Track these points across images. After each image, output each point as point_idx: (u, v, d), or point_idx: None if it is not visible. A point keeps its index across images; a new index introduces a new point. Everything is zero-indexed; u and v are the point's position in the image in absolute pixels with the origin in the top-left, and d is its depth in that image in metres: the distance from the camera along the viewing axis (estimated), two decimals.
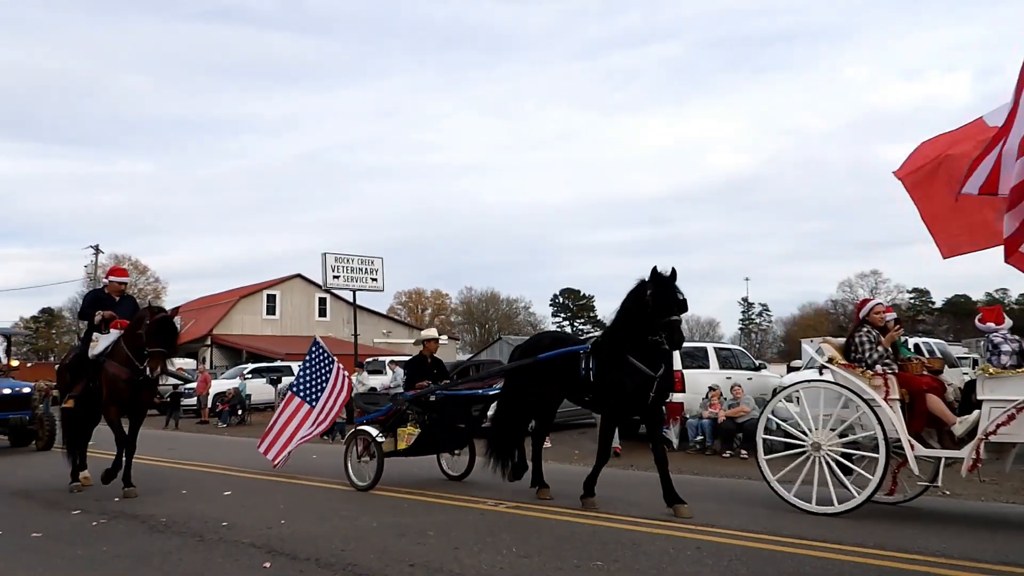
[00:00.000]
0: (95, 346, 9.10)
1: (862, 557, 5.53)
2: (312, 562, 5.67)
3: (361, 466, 9.26)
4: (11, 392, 14.80)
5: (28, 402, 15.18)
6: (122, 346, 8.83)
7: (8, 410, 14.70)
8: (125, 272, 10.01)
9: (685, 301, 7.34)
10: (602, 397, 7.81)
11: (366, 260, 28.76)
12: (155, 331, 8.49)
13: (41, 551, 6.29)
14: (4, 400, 14.68)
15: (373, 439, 9.04)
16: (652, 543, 6.08)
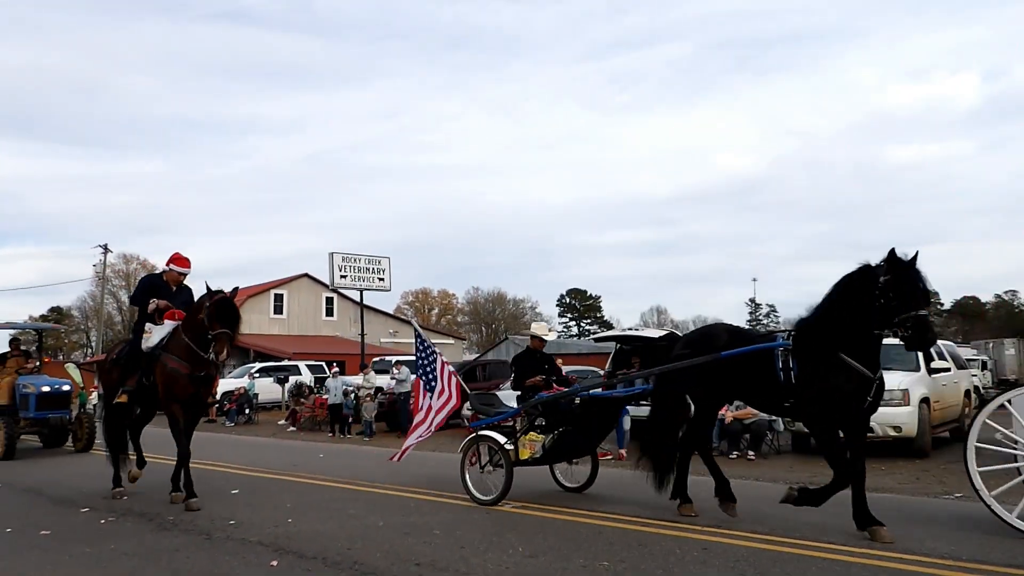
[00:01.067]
0: (148, 338, 8.48)
1: (869, 559, 5.50)
2: (319, 560, 5.69)
3: (485, 477, 8.14)
4: (51, 390, 14.10)
5: (68, 400, 14.54)
6: (181, 338, 8.20)
7: (47, 409, 14.02)
8: (187, 262, 9.01)
9: (929, 292, 6.12)
10: (809, 404, 6.52)
11: (373, 260, 28.83)
12: (217, 312, 7.94)
13: (50, 549, 6.33)
14: (44, 399, 13.95)
15: (501, 447, 7.99)
16: (658, 544, 6.07)
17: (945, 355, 13.60)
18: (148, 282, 9.08)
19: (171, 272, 8.94)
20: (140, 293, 8.93)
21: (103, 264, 49.90)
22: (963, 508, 7.70)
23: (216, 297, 8.05)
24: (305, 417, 21.44)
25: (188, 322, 8.25)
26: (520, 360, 9.03)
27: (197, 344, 8.07)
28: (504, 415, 8.50)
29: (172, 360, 8.17)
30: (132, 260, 67.11)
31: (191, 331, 8.14)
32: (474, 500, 8.05)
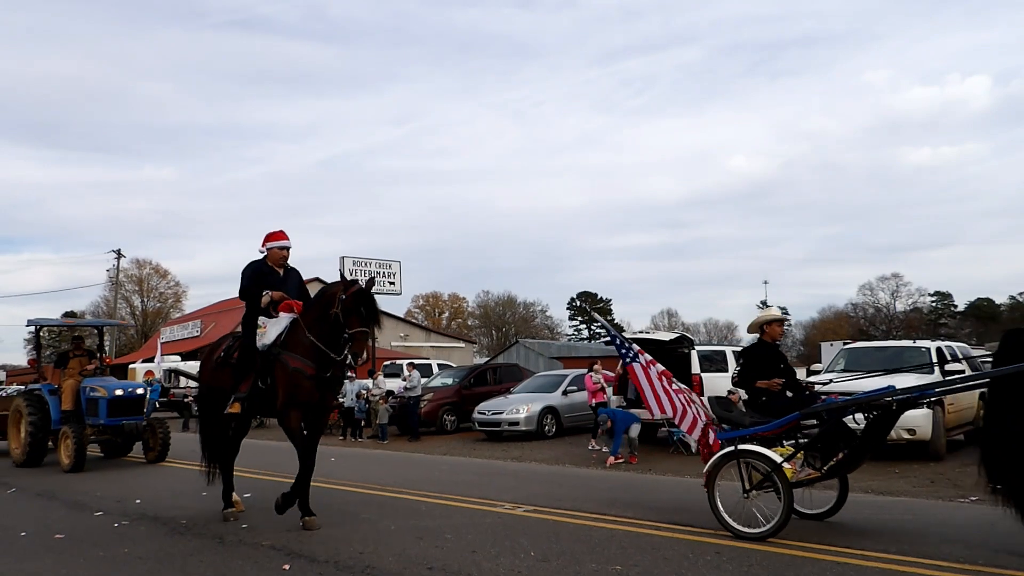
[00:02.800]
0: (263, 334, 7.34)
1: (884, 563, 5.46)
2: (331, 564, 5.70)
3: (749, 503, 6.47)
4: (124, 393, 12.65)
5: (142, 404, 13.06)
6: (304, 334, 7.08)
7: (120, 414, 12.56)
8: (286, 236, 7.75)
9: None
10: None
11: (384, 263, 28.92)
12: (355, 306, 6.84)
13: (64, 552, 6.38)
14: (116, 403, 12.49)
15: (776, 466, 6.30)
16: (671, 547, 6.04)
17: (959, 357, 13.48)
18: (253, 268, 7.70)
19: (272, 252, 7.71)
20: (249, 282, 7.64)
21: (117, 269, 50.28)
22: (978, 511, 7.63)
23: (352, 289, 6.96)
24: None
25: (313, 316, 7.13)
26: (753, 354, 7.36)
27: (325, 342, 6.99)
28: (775, 423, 6.65)
29: (295, 359, 7.03)
30: (145, 265, 67.73)
31: (318, 326, 7.03)
32: (734, 533, 6.35)
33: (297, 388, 7.01)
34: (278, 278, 7.67)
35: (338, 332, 6.91)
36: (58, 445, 12.41)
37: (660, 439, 14.54)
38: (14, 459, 13.28)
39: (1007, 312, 70.87)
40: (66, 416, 12.70)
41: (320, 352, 6.99)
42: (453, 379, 20.92)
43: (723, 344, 26.24)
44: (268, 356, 7.21)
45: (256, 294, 7.54)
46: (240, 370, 7.44)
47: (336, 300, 6.94)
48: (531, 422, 16.58)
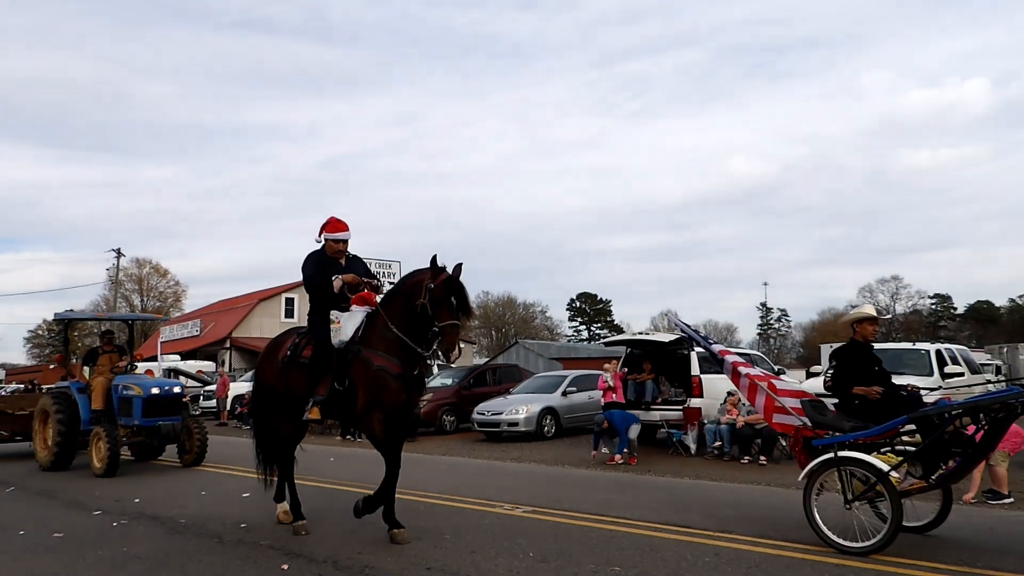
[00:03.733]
0: (338, 329, 6.65)
1: (882, 565, 5.46)
2: (329, 564, 5.70)
3: (852, 515, 5.97)
4: (160, 392, 11.77)
5: (179, 404, 12.33)
6: (386, 328, 6.41)
7: (157, 415, 11.67)
8: (344, 225, 7.00)
9: None
10: None
11: (384, 264, 28.95)
12: (444, 296, 6.14)
13: (63, 551, 6.37)
14: (152, 402, 11.62)
15: (883, 476, 5.78)
16: (670, 549, 6.04)
17: (959, 360, 13.50)
18: (316, 258, 6.99)
19: (329, 244, 6.96)
20: (314, 272, 6.87)
21: (116, 268, 50.29)
22: (977, 515, 7.64)
23: (441, 277, 6.21)
24: None
25: (397, 308, 6.46)
26: (847, 356, 6.76)
27: (411, 336, 6.33)
28: (870, 431, 6.14)
29: (378, 357, 6.34)
30: (145, 264, 67.72)
31: (402, 319, 6.37)
32: (836, 548, 5.86)
33: (382, 389, 6.29)
34: (341, 268, 6.95)
35: (425, 325, 6.25)
36: (89, 447, 11.50)
37: (659, 440, 14.54)
38: (40, 462, 12.21)
39: (1006, 315, 70.92)
40: (96, 416, 11.86)
41: (406, 348, 6.33)
42: (452, 379, 20.91)
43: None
44: (345, 354, 6.50)
45: (325, 282, 6.77)
46: (314, 371, 6.70)
47: (423, 290, 6.22)
48: (530, 423, 16.57)
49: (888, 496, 5.75)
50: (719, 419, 13.00)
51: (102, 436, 11.17)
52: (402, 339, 6.34)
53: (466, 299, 6.29)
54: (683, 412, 13.52)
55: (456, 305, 6.20)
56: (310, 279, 6.88)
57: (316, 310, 6.92)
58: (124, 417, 11.72)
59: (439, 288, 6.16)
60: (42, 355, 72.26)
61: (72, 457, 12.08)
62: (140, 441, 12.15)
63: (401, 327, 6.35)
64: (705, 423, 13.29)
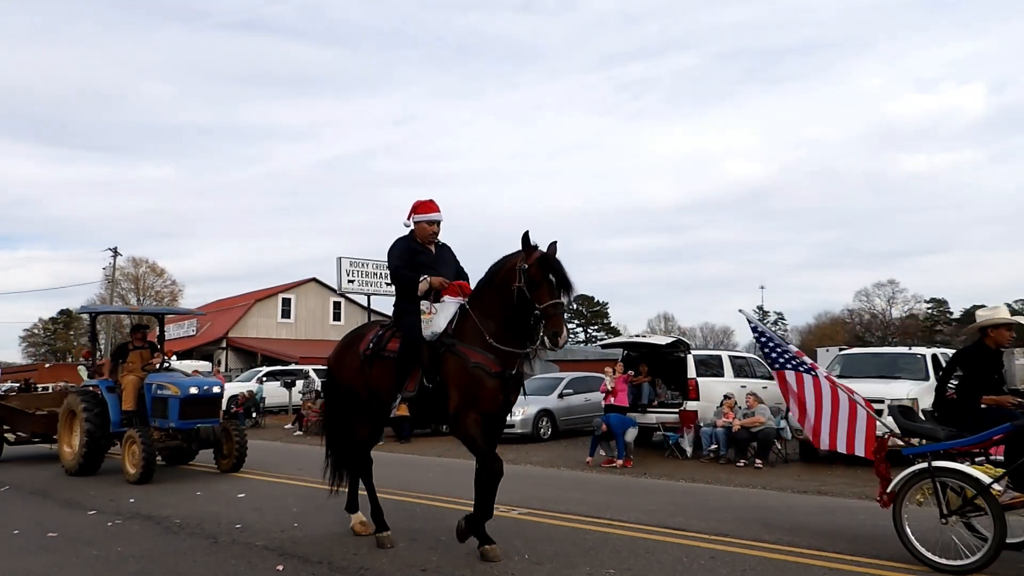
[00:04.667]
0: (429, 320, 6.04)
1: (876, 568, 5.47)
2: (324, 565, 5.69)
3: (950, 531, 5.54)
4: (199, 392, 10.79)
5: (218, 406, 11.49)
6: (482, 321, 5.85)
7: (196, 417, 10.75)
8: (436, 205, 6.46)
9: None
10: None
11: (381, 264, 28.85)
12: (542, 275, 5.57)
13: (57, 550, 6.36)
14: (191, 403, 10.69)
15: (983, 487, 5.32)
16: (665, 551, 6.05)
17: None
18: (402, 246, 6.41)
19: (420, 227, 6.40)
20: (401, 262, 6.32)
21: (113, 267, 50.16)
22: None
23: (534, 255, 5.66)
24: (312, 421, 21.48)
25: (491, 297, 5.89)
26: (975, 361, 6.25)
27: (510, 328, 5.75)
28: (969, 440, 5.70)
29: (475, 353, 5.77)
30: (141, 263, 67.54)
31: (498, 309, 5.81)
32: (932, 566, 5.46)
33: (479, 388, 5.72)
34: (431, 257, 6.39)
35: (525, 312, 5.65)
36: (122, 451, 10.63)
37: (655, 442, 14.55)
38: (66, 467, 11.36)
39: None
40: (128, 417, 11.02)
41: (506, 339, 5.77)
42: None
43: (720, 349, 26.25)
44: (438, 348, 5.92)
45: (411, 278, 6.18)
46: (403, 365, 6.08)
47: (517, 273, 5.67)
48: (526, 424, 16.57)
49: (990, 510, 5.28)
50: (715, 422, 13.01)
51: (136, 439, 10.30)
52: (500, 333, 5.77)
53: (565, 275, 5.66)
54: (679, 415, 13.53)
55: (556, 283, 5.60)
56: (396, 270, 6.31)
57: (405, 299, 6.30)
58: (158, 419, 10.87)
59: (534, 268, 5.60)
60: (37, 354, 72.10)
61: (100, 462, 11.24)
62: (176, 445, 11.22)
63: (498, 319, 5.80)
64: (701, 426, 13.31)
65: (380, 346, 6.38)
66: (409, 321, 6.13)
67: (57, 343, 75.50)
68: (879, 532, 6.79)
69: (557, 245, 5.79)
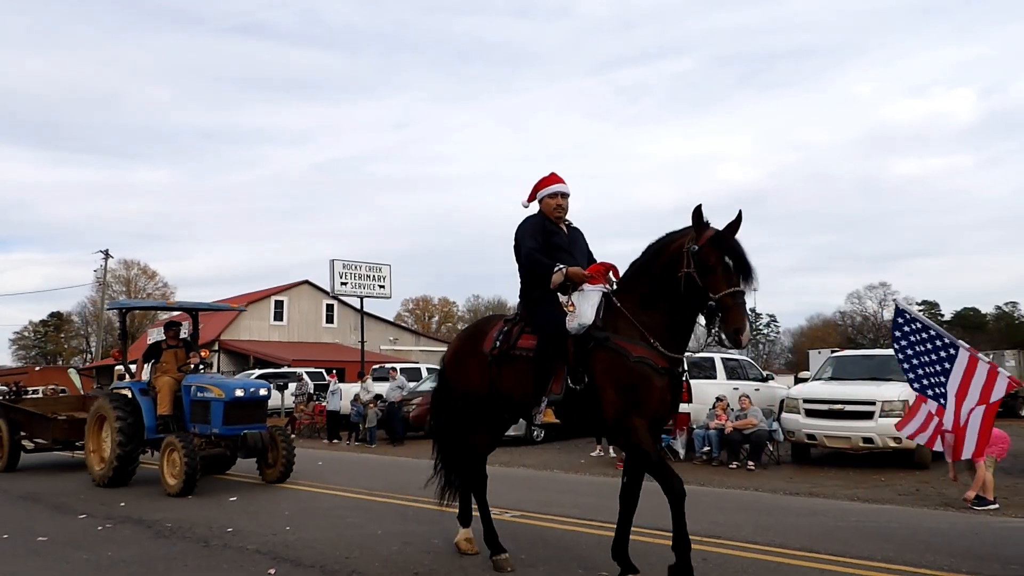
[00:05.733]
0: (574, 313, 5.11)
1: (869, 571, 5.49)
2: (317, 568, 5.67)
3: None
4: (244, 395, 9.97)
5: (264, 409, 10.67)
6: (638, 310, 5.00)
7: (241, 422, 9.89)
8: (558, 176, 5.78)
9: None
10: None
11: (374, 267, 28.84)
12: (716, 257, 4.64)
13: (47, 555, 6.32)
14: (236, 407, 9.84)
15: None
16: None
17: None
18: (534, 225, 5.55)
19: (545, 202, 5.62)
20: (534, 243, 5.44)
21: (104, 270, 49.92)
22: (962, 520, 7.69)
23: (706, 234, 4.75)
24: (304, 424, 21.43)
25: (651, 284, 5.01)
26: None
27: (676, 319, 4.93)
28: None
29: (636, 347, 4.90)
30: (133, 266, 67.29)
31: (661, 298, 4.95)
32: None
33: (646, 387, 4.85)
34: (564, 239, 5.55)
35: (694, 303, 4.79)
36: (160, 461, 9.70)
37: None
38: (94, 477, 10.38)
39: (993, 322, 71.48)
40: (163, 423, 10.19)
41: (671, 335, 4.93)
42: None
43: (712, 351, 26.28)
44: (585, 343, 5.05)
45: (546, 266, 5.29)
46: (543, 363, 5.20)
47: (685, 256, 4.76)
48: (519, 427, 16.51)
49: None
50: (708, 424, 13.04)
51: (177, 447, 9.35)
52: (660, 329, 4.92)
53: (745, 259, 4.69)
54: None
55: (734, 267, 4.65)
56: (530, 253, 5.40)
57: (537, 287, 5.39)
58: (198, 424, 10.03)
59: (708, 249, 4.67)
60: (27, 357, 71.64)
61: (133, 471, 10.32)
62: (218, 453, 10.29)
63: (657, 312, 4.95)
64: (694, 428, 13.33)
65: (510, 344, 5.49)
66: (547, 312, 5.25)
67: (48, 346, 75.04)
68: (870, 533, 6.82)
69: (742, 217, 4.81)
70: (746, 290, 4.66)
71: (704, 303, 4.72)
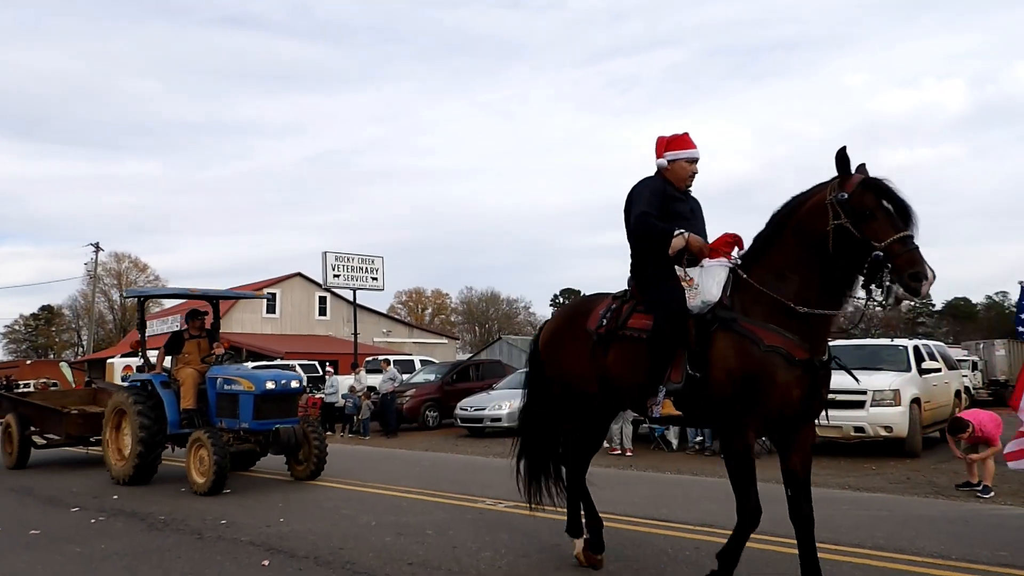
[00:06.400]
0: (695, 289, 4.49)
1: (860, 558, 5.53)
2: (311, 560, 5.68)
3: None
4: (276, 388, 9.45)
5: (296, 403, 10.29)
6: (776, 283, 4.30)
7: (273, 417, 9.39)
8: (692, 140, 5.00)
9: None
10: None
11: (366, 259, 28.79)
12: (872, 201, 4.02)
13: (40, 548, 6.30)
14: (268, 400, 9.36)
15: None
16: (652, 543, 6.08)
17: (936, 356, 13.67)
18: (655, 187, 4.88)
19: (677, 166, 4.93)
20: (650, 207, 4.76)
21: (95, 263, 49.66)
22: (952, 508, 7.75)
23: (853, 180, 4.12)
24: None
25: (789, 249, 4.31)
26: None
27: (823, 283, 4.20)
28: None
29: (769, 332, 4.21)
30: (124, 259, 66.88)
31: (803, 266, 4.24)
32: None
33: (766, 383, 4.15)
34: (686, 208, 4.91)
35: (851, 259, 4.07)
36: (187, 457, 9.21)
37: (641, 435, 14.61)
38: (114, 475, 9.86)
39: (983, 311, 71.94)
40: (187, 417, 9.71)
41: (820, 304, 4.18)
42: (435, 375, 20.91)
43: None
44: (707, 325, 4.40)
45: (666, 230, 4.64)
46: (661, 347, 4.52)
47: (830, 207, 4.09)
48: (513, 418, 16.46)
49: None
50: None
51: (206, 443, 8.87)
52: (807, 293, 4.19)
53: (904, 201, 4.04)
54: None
55: (895, 211, 4.00)
56: (643, 218, 4.70)
57: (651, 258, 4.75)
58: (225, 418, 9.55)
59: (860, 195, 4.03)
60: (19, 351, 71.25)
61: (155, 468, 9.84)
62: (247, 449, 9.76)
63: (802, 275, 4.23)
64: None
65: (620, 324, 4.82)
66: (665, 288, 4.59)
67: (39, 339, 74.65)
68: (861, 521, 6.87)
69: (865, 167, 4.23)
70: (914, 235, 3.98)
71: (864, 257, 4.00)
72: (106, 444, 10.28)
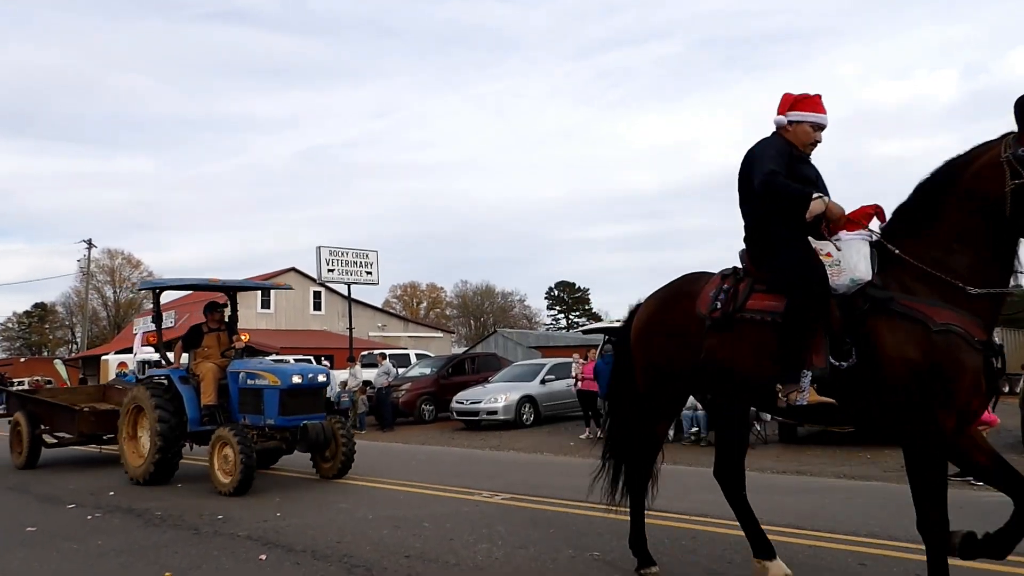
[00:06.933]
0: (839, 262, 3.96)
1: (855, 546, 5.56)
2: (308, 554, 5.68)
3: None
4: (303, 382, 9.04)
5: (323, 399, 9.84)
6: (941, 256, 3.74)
7: (300, 412, 8.98)
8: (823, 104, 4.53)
9: None
10: None
11: (361, 253, 28.72)
12: None
13: (36, 545, 6.29)
14: (294, 395, 8.97)
15: None
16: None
17: None
18: (780, 147, 4.36)
19: (803, 128, 4.40)
20: (777, 165, 4.19)
21: (88, 259, 49.49)
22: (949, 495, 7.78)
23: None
24: None
25: (944, 215, 3.79)
26: None
27: (999, 256, 3.70)
28: None
29: (939, 310, 3.65)
30: (117, 255, 66.60)
31: (964, 230, 3.73)
32: None
33: (953, 369, 3.58)
34: (812, 172, 4.42)
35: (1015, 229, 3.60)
36: (210, 456, 8.76)
37: None
38: (131, 473, 9.44)
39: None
40: (208, 413, 9.29)
41: (996, 282, 3.69)
42: (431, 369, 20.93)
43: None
44: (857, 306, 3.84)
45: (802, 192, 4.10)
46: (790, 332, 3.95)
47: (1006, 166, 3.55)
48: (509, 411, 16.63)
49: None
50: (696, 405, 13.11)
51: (231, 440, 8.40)
52: (980, 268, 3.67)
53: None
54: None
55: None
56: (771, 177, 4.14)
57: (783, 226, 4.16)
58: (249, 414, 9.13)
59: None
60: (12, 348, 71.01)
61: (175, 467, 9.47)
62: (273, 447, 9.36)
63: (972, 248, 3.69)
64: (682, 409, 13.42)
65: (737, 305, 4.26)
66: (798, 259, 3.99)
67: (32, 337, 74.37)
68: (857, 510, 6.90)
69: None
70: None
71: None
72: (122, 442, 9.85)
